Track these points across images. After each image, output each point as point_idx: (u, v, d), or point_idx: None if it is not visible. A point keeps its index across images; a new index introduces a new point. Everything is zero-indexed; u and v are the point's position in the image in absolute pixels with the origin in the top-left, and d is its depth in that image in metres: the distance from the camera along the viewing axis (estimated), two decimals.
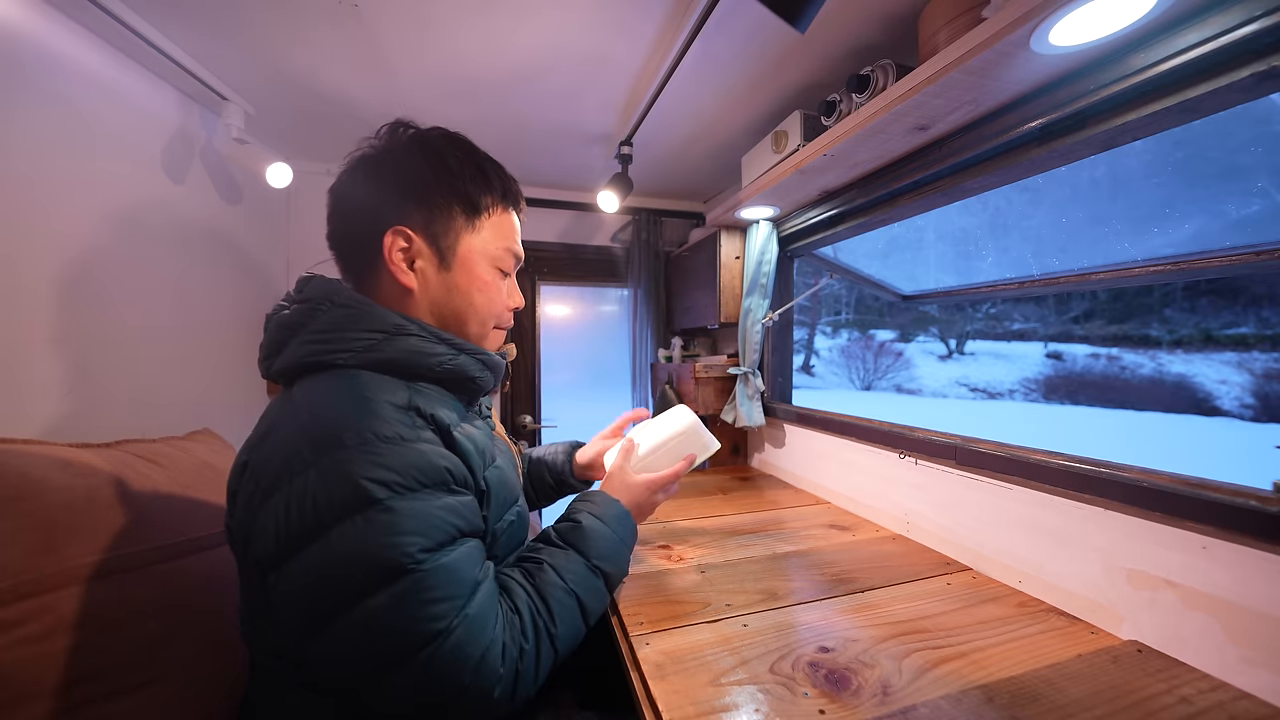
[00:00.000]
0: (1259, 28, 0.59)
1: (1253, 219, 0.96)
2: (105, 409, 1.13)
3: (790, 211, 1.54)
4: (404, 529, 0.53)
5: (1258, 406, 14.47)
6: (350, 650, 0.52)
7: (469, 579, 0.57)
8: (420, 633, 0.52)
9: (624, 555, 0.80)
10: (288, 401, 0.61)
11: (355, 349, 0.62)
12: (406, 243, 0.67)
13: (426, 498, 0.56)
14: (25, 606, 0.64)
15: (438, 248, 0.69)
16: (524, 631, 0.61)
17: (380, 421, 0.57)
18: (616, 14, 1.06)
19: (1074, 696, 0.64)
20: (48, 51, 1.00)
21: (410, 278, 0.68)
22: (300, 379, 0.63)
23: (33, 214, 0.97)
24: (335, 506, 0.52)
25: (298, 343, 0.63)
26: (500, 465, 0.72)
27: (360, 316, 0.64)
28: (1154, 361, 17.22)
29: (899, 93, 0.88)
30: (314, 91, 1.39)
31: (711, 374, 1.80)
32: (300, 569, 0.52)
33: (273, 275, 1.88)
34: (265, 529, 0.54)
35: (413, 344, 0.65)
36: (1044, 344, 19.83)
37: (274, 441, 0.57)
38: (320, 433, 0.55)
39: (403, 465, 0.55)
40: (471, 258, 0.71)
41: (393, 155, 0.69)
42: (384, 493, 0.53)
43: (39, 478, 0.72)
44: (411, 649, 0.52)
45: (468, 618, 0.55)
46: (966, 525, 1.03)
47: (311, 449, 0.54)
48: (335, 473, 0.53)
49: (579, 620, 0.68)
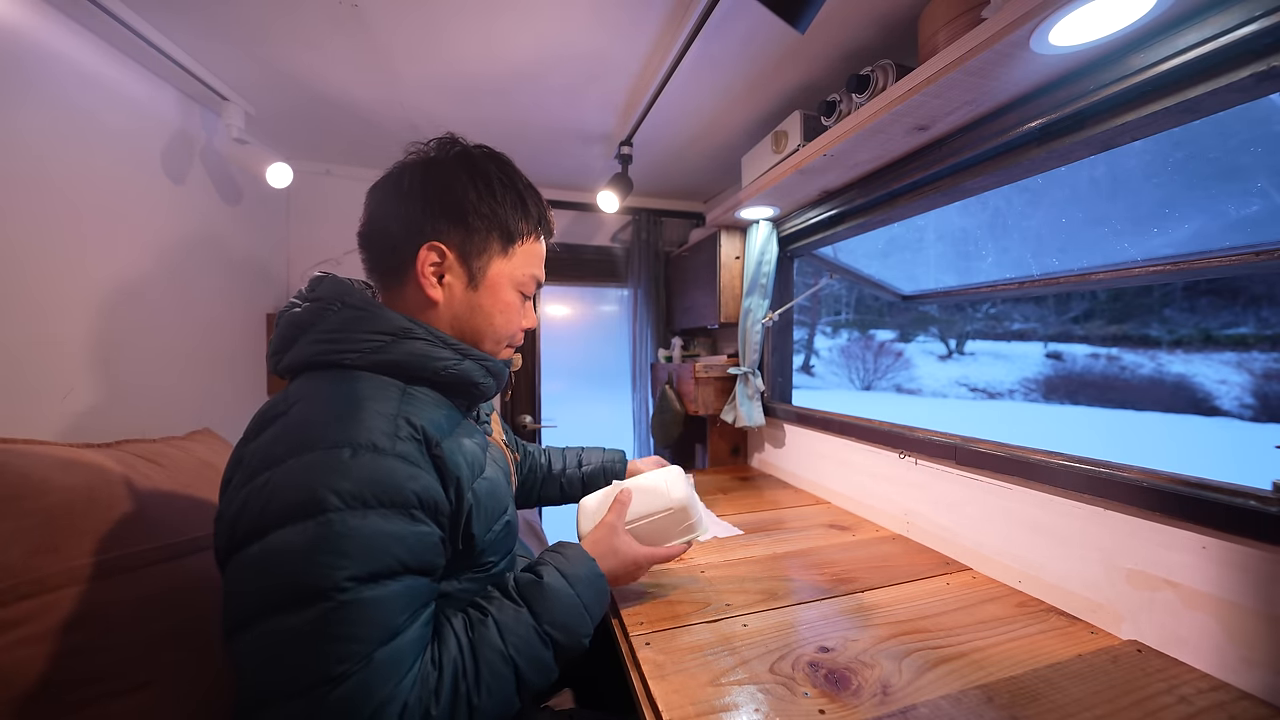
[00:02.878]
0: (1259, 28, 0.59)
1: (1252, 219, 0.96)
2: (106, 409, 1.13)
3: (790, 211, 1.54)
4: (340, 549, 0.50)
5: (1257, 406, 14.47)
6: (253, 663, 0.50)
7: (389, 623, 0.52)
8: (314, 672, 0.48)
9: (584, 624, 0.69)
10: (284, 398, 0.62)
11: (362, 349, 0.63)
12: (439, 258, 0.68)
13: (377, 520, 0.53)
14: (26, 606, 0.64)
15: (469, 267, 0.70)
16: (437, 693, 0.55)
17: (360, 428, 0.55)
18: (617, 14, 1.06)
19: (1074, 696, 0.64)
20: (48, 51, 1.00)
21: (438, 291, 0.69)
22: (302, 375, 0.64)
23: (32, 214, 0.97)
24: (284, 509, 0.50)
25: (307, 341, 0.64)
26: (489, 476, 0.70)
27: (369, 318, 0.64)
28: (1154, 361, 17.23)
29: (899, 93, 0.88)
30: (314, 91, 1.39)
31: (711, 374, 1.80)
32: (238, 565, 0.51)
33: (273, 275, 1.88)
34: (228, 519, 0.54)
35: (419, 347, 0.65)
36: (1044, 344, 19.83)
37: (262, 435, 0.58)
38: (297, 433, 0.55)
39: (365, 478, 0.53)
40: (499, 281, 0.73)
41: (439, 170, 0.69)
42: (335, 503, 0.51)
43: (40, 478, 0.72)
44: (302, 684, 0.48)
45: (372, 664, 0.50)
46: (966, 525, 1.03)
47: (286, 447, 0.54)
48: (296, 474, 0.52)
49: (511, 693, 0.60)
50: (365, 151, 1.84)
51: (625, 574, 0.81)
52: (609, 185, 1.65)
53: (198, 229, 1.45)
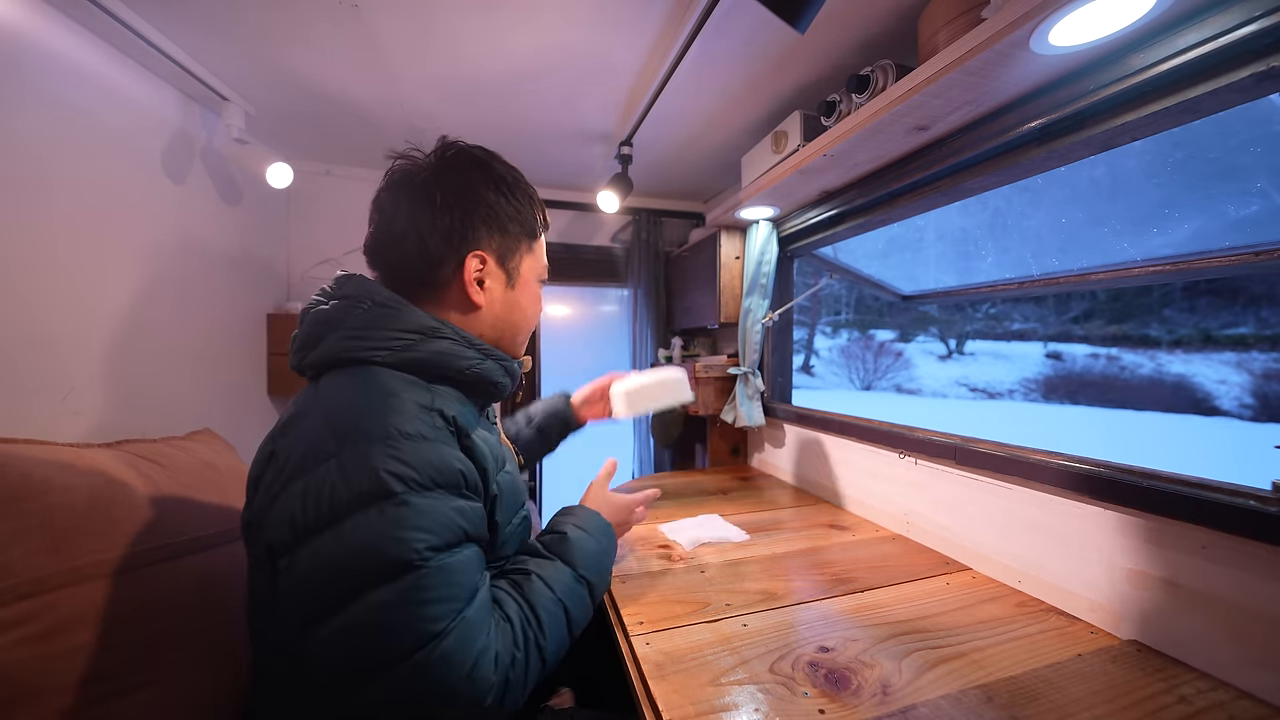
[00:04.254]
0: (1258, 28, 0.59)
1: (1252, 219, 0.96)
2: (106, 409, 1.13)
3: (790, 211, 1.54)
4: (415, 525, 0.54)
5: (1257, 406, 14.47)
6: (348, 645, 0.52)
7: (469, 583, 0.58)
8: (418, 633, 0.53)
9: (607, 566, 0.80)
10: (315, 393, 0.64)
11: (392, 347, 0.65)
12: (481, 265, 0.73)
13: (440, 497, 0.58)
14: (27, 606, 0.65)
15: (507, 270, 0.76)
16: (515, 640, 0.61)
17: (405, 418, 0.59)
18: (616, 15, 1.06)
19: (1073, 696, 0.64)
20: (48, 51, 1.00)
21: (481, 296, 0.74)
22: (329, 372, 0.66)
23: (33, 214, 0.97)
24: (353, 497, 0.53)
25: (335, 338, 0.65)
26: (510, 470, 0.75)
27: (398, 316, 0.66)
28: (1153, 361, 17.22)
29: (899, 93, 0.88)
30: (314, 91, 1.39)
31: (711, 374, 1.80)
32: (310, 557, 0.53)
33: (273, 275, 1.88)
34: (281, 515, 0.55)
35: (445, 346, 0.68)
36: (1044, 344, 19.83)
37: (300, 431, 0.60)
38: (346, 424, 0.57)
39: (422, 462, 0.57)
40: (529, 276, 0.80)
41: (468, 183, 0.72)
42: (400, 487, 0.55)
43: (40, 478, 0.72)
44: (408, 649, 0.52)
45: (465, 621, 0.55)
46: (966, 525, 1.03)
47: (336, 440, 0.56)
48: (357, 463, 0.55)
49: (565, 631, 0.68)
50: (365, 151, 1.84)
51: (621, 519, 0.92)
52: (609, 185, 1.65)
53: (198, 229, 1.45)
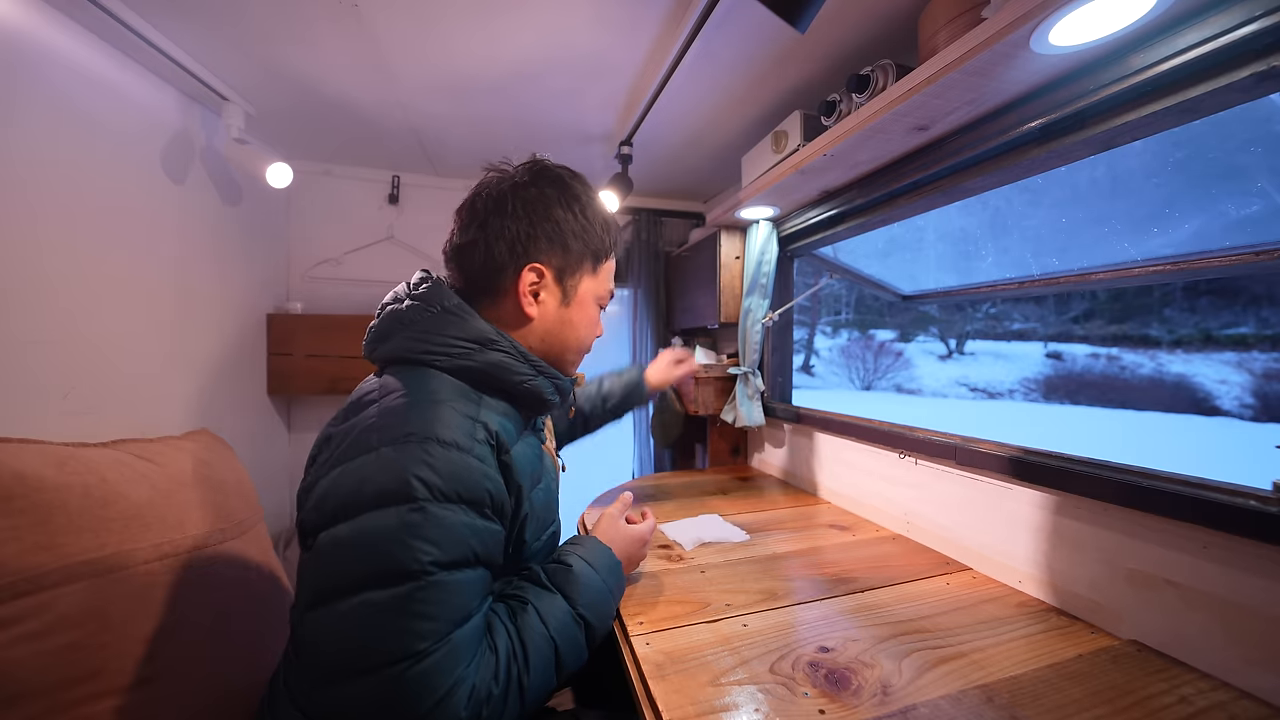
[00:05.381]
0: (1259, 28, 0.59)
1: (1252, 219, 0.96)
2: (105, 408, 1.13)
3: (790, 211, 1.54)
4: (426, 535, 0.54)
5: (1257, 406, 14.47)
6: (335, 637, 0.53)
7: (464, 606, 0.57)
8: (400, 645, 0.52)
9: (610, 608, 0.76)
10: (377, 388, 0.67)
11: (450, 353, 0.68)
12: (538, 278, 0.74)
13: (458, 512, 0.58)
14: (22, 604, 0.64)
15: (564, 287, 0.77)
16: (496, 674, 0.59)
17: (444, 426, 0.60)
18: (616, 14, 1.06)
19: (1074, 696, 0.64)
20: (48, 52, 1.00)
21: (534, 309, 0.75)
22: (392, 367, 0.70)
23: (33, 214, 0.97)
24: (376, 493, 0.55)
25: (403, 336, 0.69)
26: (545, 487, 0.77)
27: (461, 324, 0.70)
28: (1154, 361, 17.22)
29: (899, 93, 0.88)
30: (314, 91, 1.39)
31: (711, 374, 1.80)
32: (326, 542, 0.55)
33: (273, 275, 1.88)
34: (317, 495, 0.58)
35: (500, 359, 0.70)
36: (1044, 344, 19.84)
37: (354, 420, 0.63)
38: (391, 422, 0.60)
39: (450, 473, 0.57)
40: (587, 297, 0.80)
41: (542, 197, 0.74)
42: (423, 493, 0.55)
43: (36, 476, 0.72)
44: (386, 659, 0.52)
45: (450, 644, 0.54)
46: (966, 525, 1.03)
47: (379, 435, 0.59)
48: (389, 462, 0.56)
49: (552, 671, 0.65)
50: (365, 151, 1.83)
51: (632, 553, 0.88)
52: (609, 185, 1.65)
53: (198, 229, 1.45)
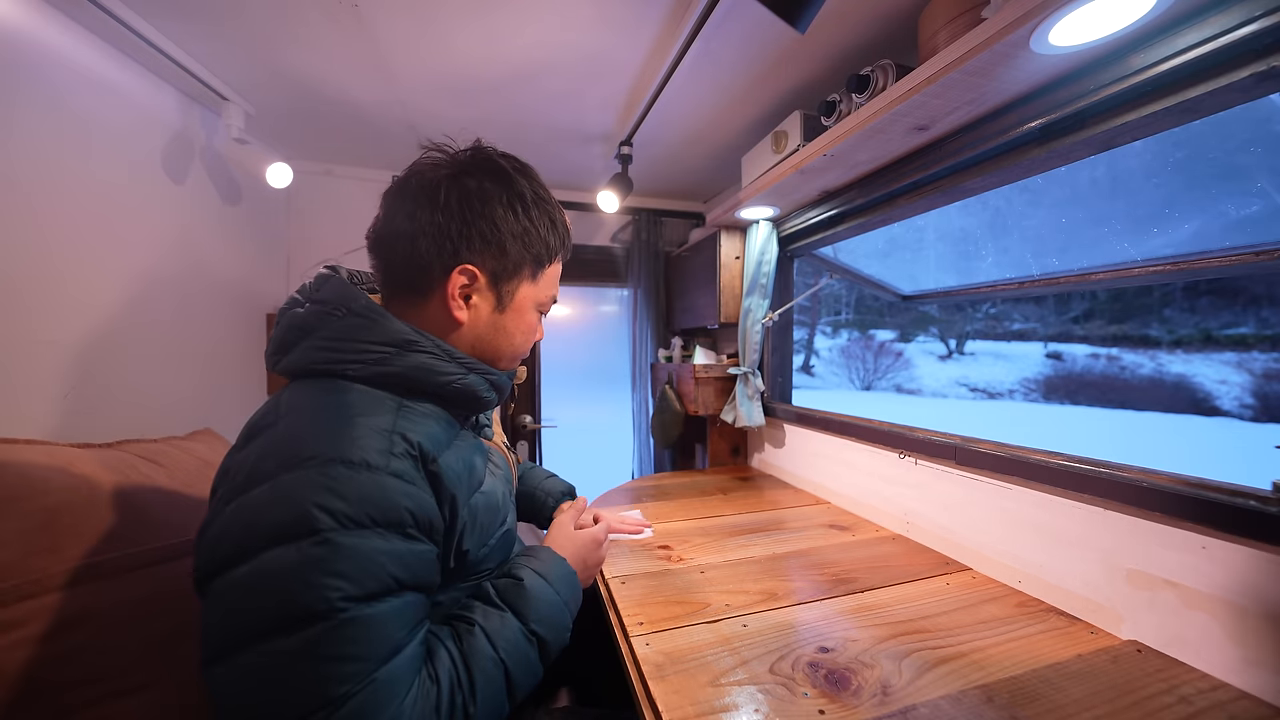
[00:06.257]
0: (1259, 28, 0.59)
1: (1252, 219, 0.96)
2: (106, 409, 1.13)
3: (790, 211, 1.54)
4: (334, 569, 0.48)
5: (1257, 406, 14.47)
6: (241, 693, 0.47)
7: (389, 639, 0.51)
8: (314, 694, 0.46)
9: (565, 621, 0.70)
10: (275, 406, 0.60)
11: (365, 360, 0.61)
12: (469, 281, 0.66)
13: (371, 538, 0.51)
14: (26, 607, 0.64)
15: (498, 292, 0.69)
16: (438, 708, 0.54)
17: (352, 445, 0.54)
18: (616, 14, 1.06)
19: (1074, 696, 0.64)
20: (48, 52, 1.00)
21: (464, 313, 0.67)
22: (299, 381, 0.62)
23: (33, 214, 0.97)
24: (274, 529, 0.49)
25: (308, 346, 0.62)
26: (488, 490, 0.69)
27: (373, 327, 0.62)
28: (1154, 361, 17.23)
29: (899, 93, 0.88)
30: (314, 91, 1.39)
31: (711, 374, 1.80)
32: (224, 588, 0.49)
33: (272, 275, 1.88)
34: (211, 535, 0.52)
35: (423, 360, 0.63)
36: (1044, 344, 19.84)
37: (250, 446, 0.56)
38: (287, 447, 0.53)
39: (358, 497, 0.51)
40: (525, 304, 0.73)
41: (477, 190, 0.66)
42: (328, 523, 0.49)
43: (40, 478, 0.72)
44: (304, 709, 0.46)
45: (374, 685, 0.49)
46: (966, 525, 1.03)
47: (275, 462, 0.52)
48: (286, 492, 0.50)
49: (503, 697, 0.60)
50: (365, 151, 1.83)
51: (587, 561, 0.84)
52: (609, 185, 1.65)
53: (198, 229, 1.45)
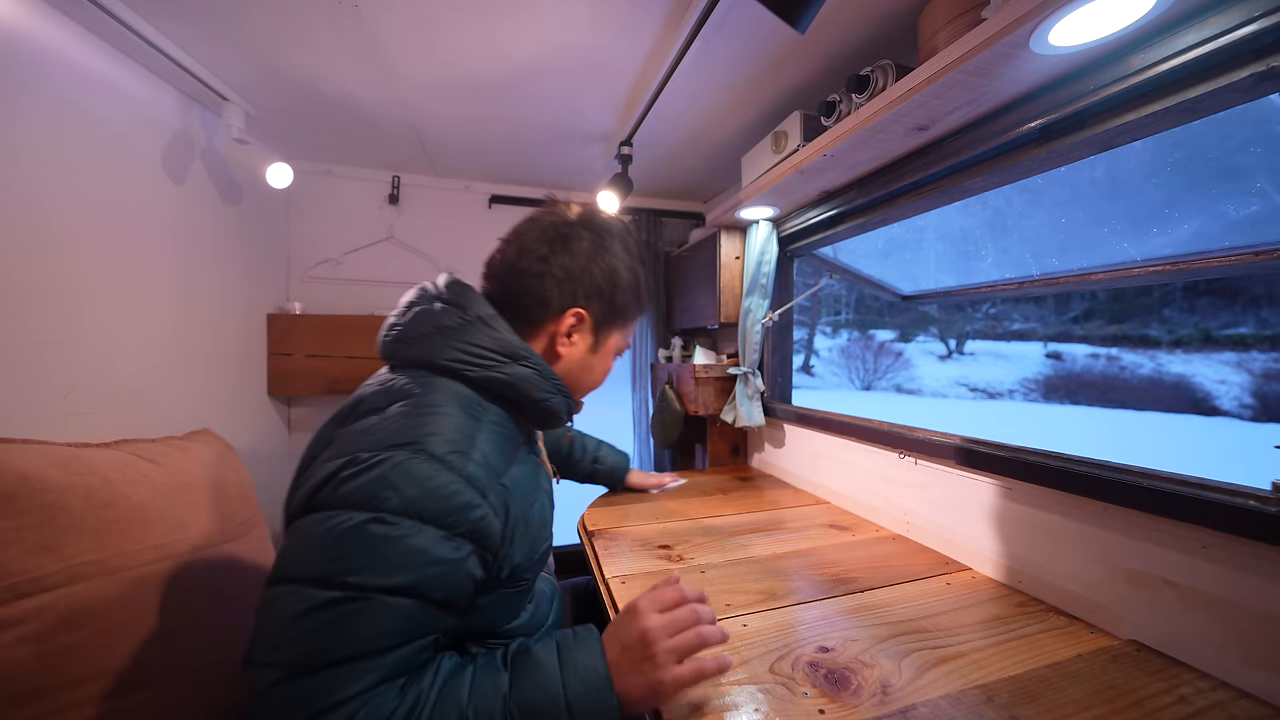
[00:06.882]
0: (1259, 28, 0.59)
1: (1252, 219, 0.96)
2: (106, 409, 1.13)
3: (790, 211, 1.54)
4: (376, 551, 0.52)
5: (1257, 406, 14.48)
6: (263, 616, 0.52)
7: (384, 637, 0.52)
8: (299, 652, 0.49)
9: None
10: (385, 391, 0.66)
11: (478, 363, 0.68)
12: (578, 322, 0.77)
13: (424, 538, 0.54)
14: (24, 605, 0.64)
15: (597, 335, 0.80)
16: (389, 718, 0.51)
17: (442, 442, 0.59)
18: (616, 14, 1.06)
19: (1073, 696, 0.64)
20: (48, 52, 1.00)
21: (565, 349, 0.77)
22: (413, 370, 0.69)
23: (33, 214, 0.97)
24: (351, 494, 0.54)
25: (437, 340, 0.69)
26: (541, 505, 0.75)
27: (493, 335, 0.70)
28: (1153, 361, 17.25)
29: (899, 93, 0.88)
30: (314, 91, 1.39)
31: (711, 374, 1.80)
32: (299, 528, 0.55)
33: (273, 275, 1.88)
34: (304, 486, 0.58)
35: (526, 374, 0.71)
36: (1043, 344, 19.86)
37: (360, 422, 0.63)
38: (390, 428, 0.60)
39: (430, 490, 0.55)
40: (611, 348, 0.84)
41: (605, 248, 0.77)
42: (395, 504, 0.53)
43: (38, 477, 0.72)
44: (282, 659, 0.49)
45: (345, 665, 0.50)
46: (966, 525, 1.03)
47: (376, 438, 0.58)
48: (374, 468, 0.55)
49: None
50: (365, 151, 1.83)
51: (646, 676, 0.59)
52: (609, 185, 1.65)
53: (198, 229, 1.45)
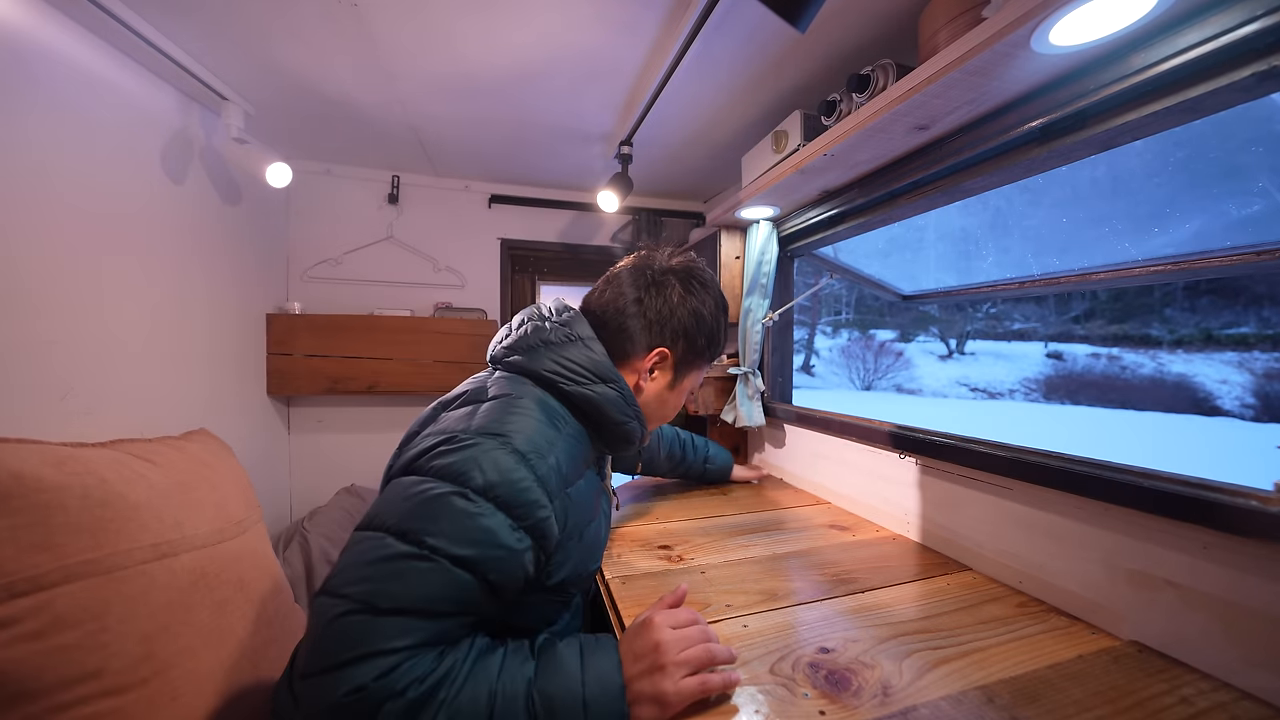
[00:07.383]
0: (1259, 27, 0.59)
1: (1253, 219, 0.96)
2: (104, 409, 1.13)
3: (790, 211, 1.54)
4: (454, 521, 0.58)
5: (1258, 406, 14.48)
6: (345, 555, 0.58)
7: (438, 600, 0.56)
8: (367, 589, 0.54)
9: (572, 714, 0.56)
10: (484, 388, 0.75)
11: (572, 377, 0.76)
12: (661, 360, 0.84)
13: (494, 521, 0.60)
14: (21, 605, 0.64)
15: (676, 374, 0.87)
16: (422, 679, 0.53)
17: (528, 439, 0.66)
18: (617, 14, 1.06)
19: (1074, 697, 0.64)
20: (48, 52, 1.00)
21: (647, 383, 0.84)
22: (512, 372, 0.78)
23: (32, 214, 0.97)
24: (444, 467, 0.61)
25: (544, 356, 0.77)
26: (596, 524, 0.81)
27: (589, 355, 0.78)
28: (1154, 361, 17.24)
29: (899, 93, 0.88)
30: (314, 91, 1.39)
31: (711, 374, 1.80)
32: (395, 485, 0.63)
33: (272, 275, 1.87)
34: (406, 453, 0.67)
35: (612, 395, 0.77)
36: (1044, 344, 19.86)
37: (463, 409, 0.71)
38: (488, 418, 0.67)
39: (508, 480, 0.61)
40: (686, 386, 0.90)
41: (693, 295, 0.85)
42: (478, 482, 0.60)
43: (33, 476, 0.71)
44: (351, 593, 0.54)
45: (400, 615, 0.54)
46: (966, 525, 1.03)
47: (476, 424, 0.66)
48: (468, 448, 0.62)
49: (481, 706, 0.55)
50: (365, 151, 1.83)
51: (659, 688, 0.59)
52: (609, 185, 1.65)
53: (197, 229, 1.45)
